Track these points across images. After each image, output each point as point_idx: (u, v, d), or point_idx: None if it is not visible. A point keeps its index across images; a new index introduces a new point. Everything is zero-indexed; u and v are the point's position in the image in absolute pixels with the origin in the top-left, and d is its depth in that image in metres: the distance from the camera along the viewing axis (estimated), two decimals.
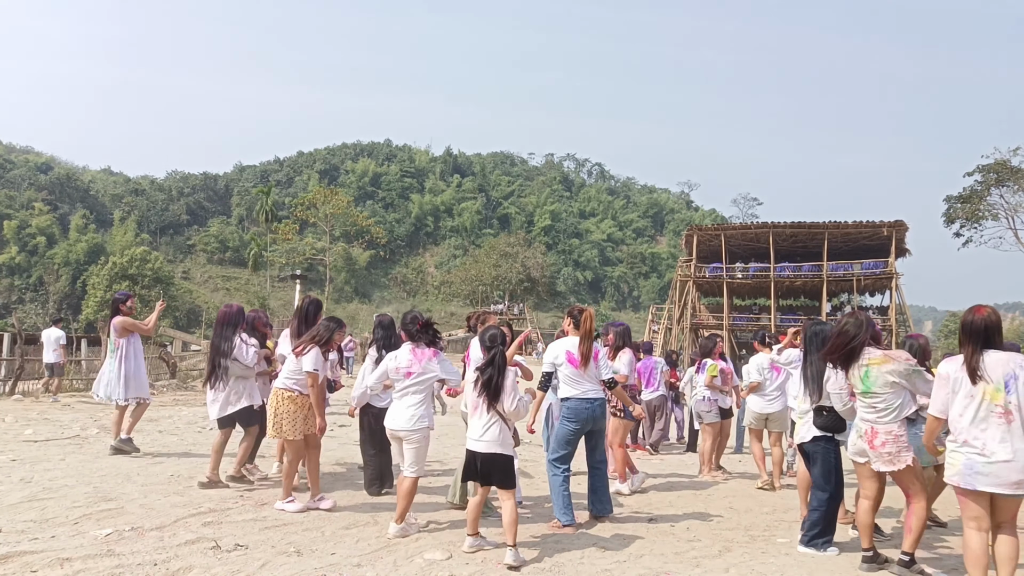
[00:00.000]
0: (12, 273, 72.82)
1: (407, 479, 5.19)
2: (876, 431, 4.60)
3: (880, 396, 4.59)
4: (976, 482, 3.90)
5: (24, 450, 8.14)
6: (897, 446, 4.54)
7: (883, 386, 4.58)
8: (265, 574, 4.25)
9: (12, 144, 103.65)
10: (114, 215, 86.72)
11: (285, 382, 5.85)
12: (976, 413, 3.93)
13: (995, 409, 3.88)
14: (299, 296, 25.13)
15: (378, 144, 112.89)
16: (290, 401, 5.79)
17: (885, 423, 4.57)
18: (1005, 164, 40.49)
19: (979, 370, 3.94)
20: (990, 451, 3.86)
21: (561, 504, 5.67)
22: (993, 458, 3.84)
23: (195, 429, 10.76)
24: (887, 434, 4.56)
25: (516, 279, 68.96)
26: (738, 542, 5.43)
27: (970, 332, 4.03)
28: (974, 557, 3.96)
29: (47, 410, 12.57)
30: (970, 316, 4.08)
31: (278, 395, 5.84)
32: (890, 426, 4.57)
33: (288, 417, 5.76)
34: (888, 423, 4.57)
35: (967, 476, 3.93)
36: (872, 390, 4.61)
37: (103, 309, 47.83)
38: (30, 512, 5.37)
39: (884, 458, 4.57)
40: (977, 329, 4.01)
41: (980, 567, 3.94)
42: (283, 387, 5.83)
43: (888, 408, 4.57)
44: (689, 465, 9.65)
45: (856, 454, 4.83)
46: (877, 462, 4.62)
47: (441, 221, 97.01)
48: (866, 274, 38.84)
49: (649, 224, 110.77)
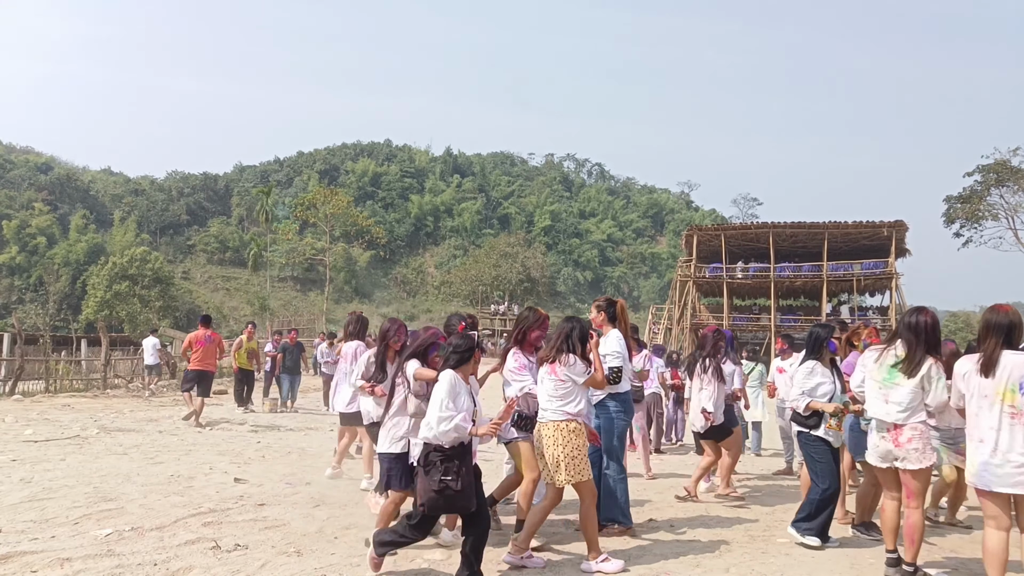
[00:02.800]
0: (12, 273, 72.79)
1: None
2: (901, 428, 4.46)
3: (906, 390, 4.45)
4: (991, 483, 3.90)
5: (24, 450, 8.15)
6: (923, 442, 4.43)
7: (913, 381, 4.45)
8: (265, 574, 4.25)
9: (12, 144, 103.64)
10: (114, 215, 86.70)
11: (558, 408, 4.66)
12: (990, 413, 3.94)
13: (1008, 410, 3.89)
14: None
15: (378, 144, 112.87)
16: (576, 434, 4.65)
17: (912, 420, 4.44)
18: (1005, 164, 40.51)
19: (997, 366, 3.94)
20: (1003, 452, 3.86)
21: (628, 508, 5.58)
22: (1007, 459, 3.85)
23: (195, 429, 10.76)
24: (913, 430, 4.43)
25: (516, 279, 68.97)
26: (738, 542, 5.43)
27: (995, 328, 4.05)
28: (991, 556, 3.93)
29: (47, 410, 12.58)
30: (994, 314, 4.10)
31: (559, 428, 4.63)
32: (915, 422, 4.44)
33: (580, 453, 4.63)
34: (915, 419, 4.45)
35: (983, 476, 3.94)
36: (895, 383, 4.49)
37: (103, 309, 47.84)
38: (30, 512, 5.37)
39: (912, 456, 4.42)
40: (1002, 325, 4.03)
41: (997, 566, 3.91)
42: (561, 418, 4.65)
43: (912, 404, 4.44)
44: (689, 465, 9.64)
45: (879, 458, 4.60)
46: (905, 461, 4.45)
47: (441, 221, 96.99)
48: (866, 274, 38.86)
49: (649, 224, 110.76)
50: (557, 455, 4.56)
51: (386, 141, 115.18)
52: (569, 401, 4.67)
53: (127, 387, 18.30)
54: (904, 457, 4.45)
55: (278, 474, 7.39)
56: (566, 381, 4.67)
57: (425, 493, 4.01)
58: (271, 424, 11.82)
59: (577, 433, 4.64)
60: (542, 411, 4.73)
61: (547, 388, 4.73)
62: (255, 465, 7.87)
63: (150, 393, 16.44)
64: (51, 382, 16.29)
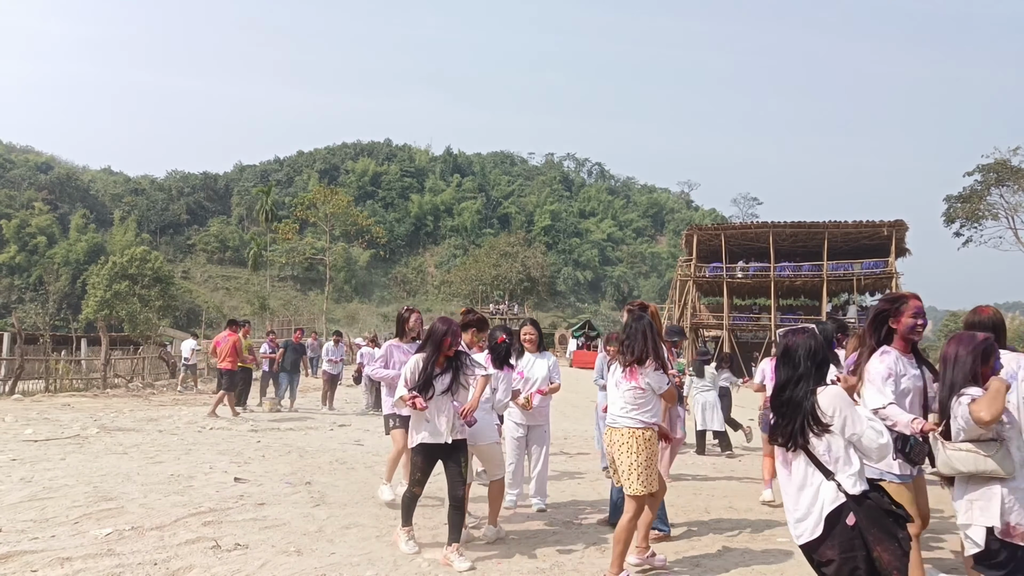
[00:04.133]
0: (12, 272, 72.84)
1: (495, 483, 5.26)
2: None
3: None
4: None
5: (24, 449, 8.14)
6: None
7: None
8: (265, 574, 4.25)
9: (12, 144, 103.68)
10: (114, 215, 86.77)
11: (635, 416, 4.43)
12: None
13: None
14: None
15: (378, 144, 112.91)
16: (651, 443, 4.45)
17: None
18: (1005, 164, 40.49)
19: None
20: None
21: (664, 514, 5.49)
22: None
23: (195, 429, 10.76)
24: None
25: (516, 279, 68.91)
26: (738, 542, 5.43)
27: (980, 329, 4.03)
28: None
29: (47, 410, 12.58)
30: (977, 316, 4.08)
31: (634, 435, 4.42)
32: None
33: (654, 463, 4.46)
34: None
35: None
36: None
37: (103, 309, 47.78)
38: (30, 511, 5.37)
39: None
40: (986, 326, 4.01)
41: None
42: (638, 426, 4.42)
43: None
44: (689, 465, 9.65)
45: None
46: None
47: (441, 221, 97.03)
48: (866, 274, 38.85)
49: (649, 224, 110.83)
50: (631, 463, 4.36)
51: (386, 140, 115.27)
52: (647, 410, 4.44)
53: (127, 386, 18.32)
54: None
55: (278, 473, 7.38)
56: (647, 390, 4.42)
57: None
58: (271, 424, 11.82)
59: (652, 442, 4.43)
60: (613, 416, 4.54)
61: (623, 394, 4.46)
62: (255, 464, 7.87)
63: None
64: (51, 381, 16.28)
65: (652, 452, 4.41)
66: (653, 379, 4.41)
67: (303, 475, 7.36)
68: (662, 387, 4.44)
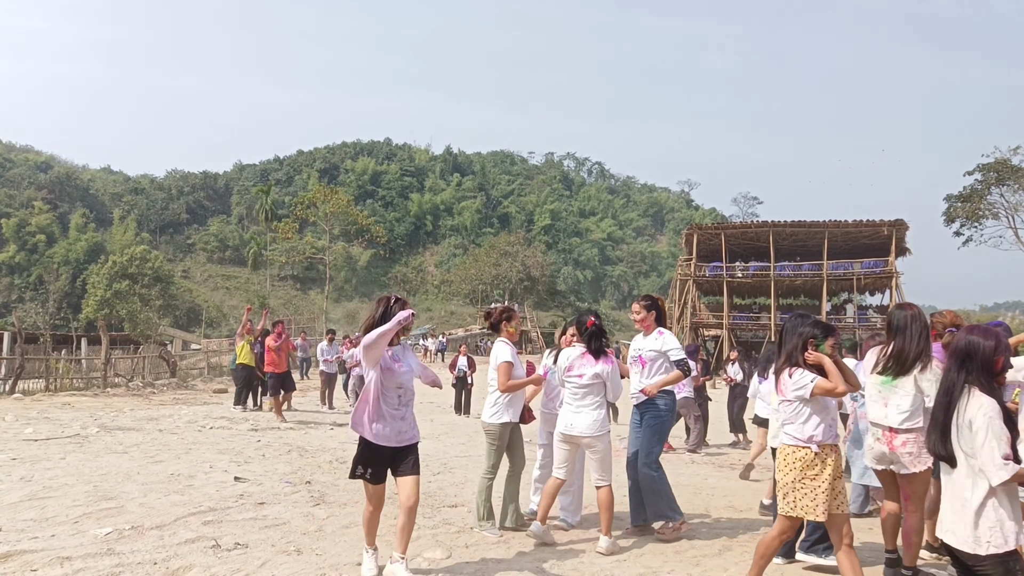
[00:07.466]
0: (12, 272, 72.83)
1: (603, 489, 5.06)
2: (896, 432, 4.39)
3: (903, 392, 4.38)
4: None
5: (24, 449, 8.14)
6: (917, 446, 4.31)
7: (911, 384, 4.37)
8: (265, 573, 4.25)
9: (12, 143, 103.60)
10: (114, 214, 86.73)
11: (787, 433, 4.09)
12: None
13: None
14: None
15: (378, 143, 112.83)
16: (803, 463, 4.01)
17: (908, 423, 4.35)
18: (1005, 163, 40.49)
19: None
20: None
21: (674, 500, 5.50)
22: None
23: (195, 428, 10.76)
24: (908, 434, 4.35)
25: (516, 278, 68.95)
26: (738, 542, 5.42)
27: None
28: None
29: (47, 409, 12.58)
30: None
31: (783, 453, 4.11)
32: (912, 425, 4.35)
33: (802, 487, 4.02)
34: (910, 424, 4.36)
35: None
36: (894, 385, 4.41)
37: (103, 308, 47.82)
38: (30, 511, 5.36)
39: (907, 460, 4.33)
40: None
41: None
42: (789, 442, 4.09)
43: (912, 408, 4.36)
44: (689, 464, 9.65)
45: (874, 460, 4.55)
46: (899, 465, 4.38)
47: (441, 220, 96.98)
48: (866, 273, 38.89)
49: (649, 223, 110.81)
50: (783, 481, 4.07)
51: (386, 140, 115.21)
52: (794, 422, 4.06)
53: (127, 386, 18.30)
54: (898, 461, 4.37)
55: (278, 473, 7.38)
56: (793, 401, 4.09)
57: None
58: (271, 423, 11.82)
59: (805, 463, 3.96)
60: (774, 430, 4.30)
61: (780, 407, 4.25)
62: (255, 464, 7.86)
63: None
64: (51, 381, 16.28)
65: (802, 474, 3.98)
66: (794, 385, 4.05)
67: (303, 474, 7.36)
68: (804, 390, 3.99)
